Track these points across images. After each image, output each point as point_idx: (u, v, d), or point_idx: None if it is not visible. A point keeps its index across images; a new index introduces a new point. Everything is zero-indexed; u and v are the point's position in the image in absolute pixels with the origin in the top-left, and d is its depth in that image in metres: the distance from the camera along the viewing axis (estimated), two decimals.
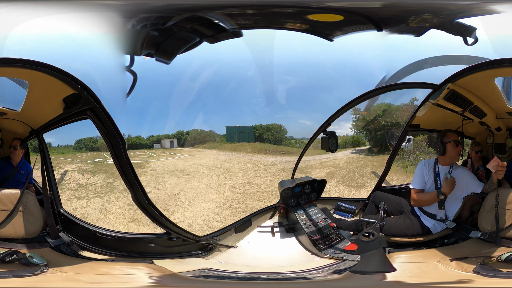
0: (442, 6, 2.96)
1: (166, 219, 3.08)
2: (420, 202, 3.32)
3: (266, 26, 3.22)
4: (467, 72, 2.80)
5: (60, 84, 2.59)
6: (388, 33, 3.19)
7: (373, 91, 3.59)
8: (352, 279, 2.64)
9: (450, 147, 3.26)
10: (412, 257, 2.94)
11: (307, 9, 3.00)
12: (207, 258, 3.26)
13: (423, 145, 7.00)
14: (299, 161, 4.59)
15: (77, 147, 6.47)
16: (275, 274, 2.85)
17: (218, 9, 2.96)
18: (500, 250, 2.74)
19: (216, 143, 7.98)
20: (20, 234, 2.95)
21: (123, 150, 2.76)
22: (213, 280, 2.77)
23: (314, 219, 3.74)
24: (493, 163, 2.81)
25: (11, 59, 2.43)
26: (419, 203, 3.33)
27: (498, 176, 2.83)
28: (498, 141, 3.72)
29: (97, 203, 5.49)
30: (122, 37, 3.08)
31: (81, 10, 2.93)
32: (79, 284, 2.52)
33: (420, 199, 3.30)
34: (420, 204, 3.35)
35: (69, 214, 3.44)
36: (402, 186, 4.27)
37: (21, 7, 2.88)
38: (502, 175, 2.82)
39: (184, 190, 6.46)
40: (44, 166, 3.37)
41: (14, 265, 2.64)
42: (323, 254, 3.23)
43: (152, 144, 7.36)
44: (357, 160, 8.09)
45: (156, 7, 3.01)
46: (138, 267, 2.90)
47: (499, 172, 2.81)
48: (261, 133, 7.87)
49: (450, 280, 2.48)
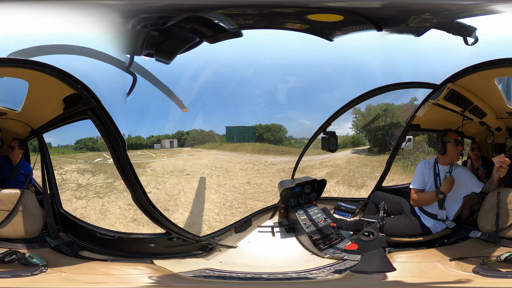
0: (443, 6, 2.96)
1: (166, 219, 3.08)
2: (419, 201, 3.32)
3: (266, 26, 3.22)
4: (467, 72, 2.80)
5: (60, 84, 2.59)
6: (388, 33, 3.19)
7: (373, 91, 3.59)
8: (353, 279, 2.63)
9: (450, 146, 3.25)
10: (412, 257, 2.94)
11: (307, 9, 3.00)
12: (208, 258, 3.25)
13: (423, 145, 7.00)
14: (299, 161, 4.58)
15: (77, 147, 6.47)
16: (276, 274, 2.84)
17: (218, 9, 2.96)
18: (500, 250, 2.74)
19: (216, 143, 7.98)
20: (20, 234, 2.95)
21: (123, 150, 2.76)
22: (214, 280, 2.77)
23: (314, 219, 3.74)
24: (499, 158, 2.78)
25: (11, 59, 2.43)
26: (419, 202, 3.33)
27: (500, 173, 2.81)
28: (498, 141, 3.72)
29: (97, 203, 5.49)
30: (122, 37, 3.08)
31: (82, 10, 2.93)
32: (78, 284, 2.51)
33: (420, 198, 3.30)
34: (420, 204, 3.34)
35: (69, 214, 3.44)
36: (402, 186, 4.27)
37: (22, 7, 2.88)
38: (504, 172, 2.80)
39: (184, 190, 6.46)
40: (44, 166, 3.37)
41: (13, 265, 2.63)
42: (324, 254, 3.23)
43: (152, 144, 7.35)
44: (357, 160, 8.10)
45: (156, 7, 3.01)
46: (138, 267, 2.89)
47: (501, 169, 2.78)
48: (261, 133, 7.87)
49: (450, 280, 2.48)
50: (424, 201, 3.30)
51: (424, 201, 3.31)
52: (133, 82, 3.41)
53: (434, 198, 3.19)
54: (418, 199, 3.31)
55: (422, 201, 3.32)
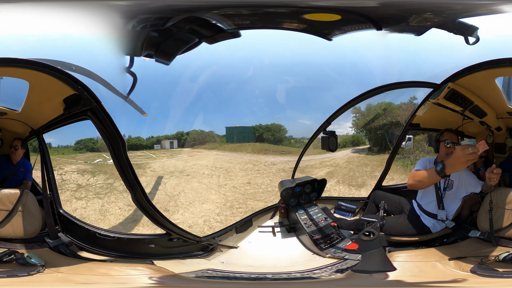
0: (445, 5, 2.96)
1: (166, 220, 3.07)
2: (415, 176, 2.95)
3: (264, 26, 3.22)
4: (468, 71, 2.80)
5: (60, 84, 2.59)
6: (388, 32, 3.19)
7: (373, 90, 3.59)
8: (356, 278, 2.63)
9: (442, 146, 3.26)
10: (411, 256, 2.94)
11: (304, 9, 3.00)
12: (209, 259, 3.25)
13: (423, 144, 7.00)
14: (299, 161, 4.59)
15: (77, 148, 6.47)
16: (280, 274, 2.84)
17: (213, 10, 2.96)
18: (499, 249, 2.74)
19: (216, 144, 7.98)
20: (19, 234, 2.94)
21: (123, 151, 2.76)
22: (218, 280, 2.76)
23: (314, 218, 3.74)
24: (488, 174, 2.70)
25: (12, 59, 2.43)
26: (413, 177, 2.97)
27: (491, 182, 2.72)
28: (498, 141, 3.71)
29: (97, 203, 5.48)
30: (123, 38, 3.08)
31: (83, 11, 2.93)
32: (73, 285, 2.50)
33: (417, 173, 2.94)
34: (413, 178, 2.97)
35: (69, 214, 3.43)
36: (402, 185, 4.27)
37: (22, 7, 2.88)
38: (495, 181, 2.73)
39: (184, 191, 6.46)
40: (44, 166, 3.37)
41: (11, 265, 2.63)
42: (325, 254, 3.24)
43: (152, 145, 7.35)
44: (357, 159, 8.10)
45: (155, 8, 3.01)
46: (137, 267, 2.89)
47: (492, 180, 2.71)
48: (261, 133, 7.87)
49: (448, 279, 2.48)
50: (421, 177, 2.88)
51: (420, 176, 2.89)
52: (133, 83, 3.42)
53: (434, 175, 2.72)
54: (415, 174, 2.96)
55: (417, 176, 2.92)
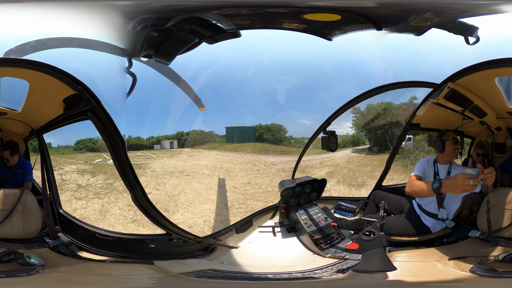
0: (445, 5, 2.96)
1: (166, 220, 3.07)
2: (412, 186, 3.09)
3: (264, 26, 3.22)
4: (468, 71, 2.81)
5: (60, 84, 2.59)
6: (388, 32, 3.19)
7: (373, 90, 3.59)
8: (357, 278, 2.64)
9: (448, 144, 3.32)
10: (411, 256, 2.95)
11: (304, 9, 3.00)
12: (209, 259, 3.25)
13: (423, 144, 7.00)
14: (299, 161, 4.59)
15: (77, 148, 6.45)
16: (281, 274, 2.84)
17: (214, 10, 2.96)
18: (498, 249, 2.75)
19: (216, 144, 7.97)
20: (19, 234, 2.94)
21: (123, 151, 2.76)
22: (219, 280, 2.75)
23: (315, 218, 3.74)
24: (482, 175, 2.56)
25: (12, 59, 2.43)
26: (410, 186, 3.11)
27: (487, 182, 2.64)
28: (498, 141, 3.72)
29: (97, 204, 5.48)
30: (123, 38, 3.07)
31: (83, 11, 2.93)
32: (73, 285, 2.50)
33: (414, 184, 3.09)
34: (411, 187, 3.11)
35: (69, 214, 3.43)
36: (402, 185, 4.27)
37: (22, 7, 2.88)
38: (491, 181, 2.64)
39: (184, 191, 6.45)
40: (44, 166, 3.36)
41: (11, 265, 2.63)
42: (325, 254, 3.24)
43: (152, 145, 7.34)
44: (357, 159, 8.09)
45: (155, 7, 3.01)
46: (137, 267, 2.88)
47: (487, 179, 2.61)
48: (261, 133, 7.86)
49: (447, 279, 2.49)
50: (417, 187, 3.04)
51: (416, 187, 3.04)
52: (133, 83, 3.41)
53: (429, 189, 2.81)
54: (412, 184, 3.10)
55: (414, 187, 3.07)
